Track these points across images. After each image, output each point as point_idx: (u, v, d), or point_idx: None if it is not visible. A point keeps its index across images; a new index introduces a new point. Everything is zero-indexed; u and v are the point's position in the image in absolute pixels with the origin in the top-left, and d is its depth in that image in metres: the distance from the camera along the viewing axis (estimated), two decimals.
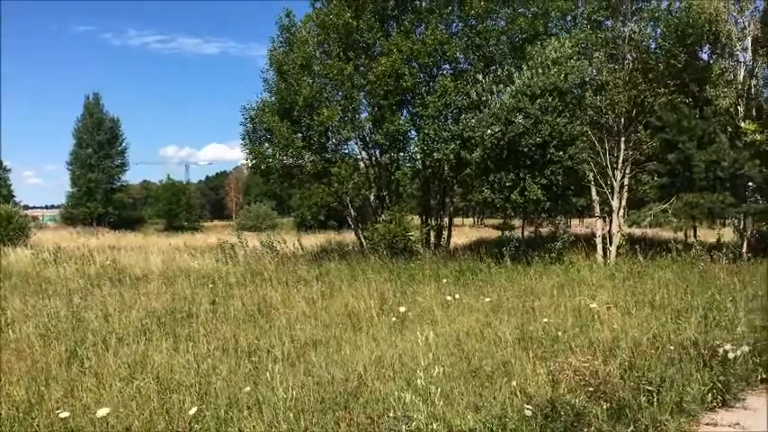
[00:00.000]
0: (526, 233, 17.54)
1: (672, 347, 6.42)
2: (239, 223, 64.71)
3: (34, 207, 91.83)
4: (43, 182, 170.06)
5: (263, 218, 62.65)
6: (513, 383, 5.43)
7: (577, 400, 4.99)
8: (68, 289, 11.90)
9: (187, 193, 78.37)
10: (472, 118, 16.48)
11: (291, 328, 8.03)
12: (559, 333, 7.11)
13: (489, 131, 15.56)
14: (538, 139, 15.12)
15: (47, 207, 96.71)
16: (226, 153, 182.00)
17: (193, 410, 4.81)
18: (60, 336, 7.70)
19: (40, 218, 74.13)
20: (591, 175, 18.15)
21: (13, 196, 69.22)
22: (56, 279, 13.58)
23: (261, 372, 6.01)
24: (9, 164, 74.69)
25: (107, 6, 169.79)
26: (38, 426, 4.72)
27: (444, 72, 18.65)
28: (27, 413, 4.96)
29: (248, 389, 5.34)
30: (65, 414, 4.70)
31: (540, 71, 15.72)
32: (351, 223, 20.83)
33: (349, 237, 25.99)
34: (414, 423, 4.53)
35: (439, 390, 4.85)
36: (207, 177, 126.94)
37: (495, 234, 27.47)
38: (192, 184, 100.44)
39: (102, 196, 69.02)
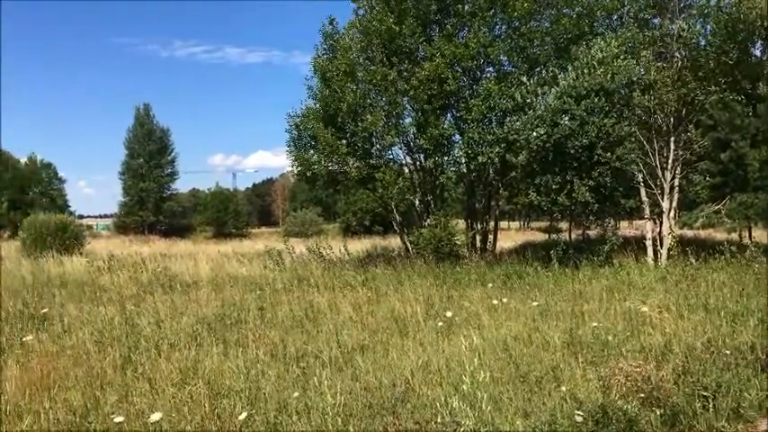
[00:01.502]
0: (573, 236, 17.25)
1: (728, 352, 6.25)
2: (286, 229, 65.42)
3: (88, 216, 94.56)
4: (96, 192, 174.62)
5: (309, 224, 63.23)
6: (563, 389, 5.36)
7: (630, 406, 4.89)
8: (122, 296, 12.18)
9: (234, 201, 79.56)
10: (517, 121, 16.33)
11: (338, 334, 8.07)
12: (610, 337, 6.99)
13: (534, 134, 15.39)
14: (584, 141, 14.89)
15: (100, 216, 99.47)
16: (271, 160, 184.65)
17: (243, 415, 4.88)
18: (115, 342, 7.87)
19: (94, 226, 76.14)
20: (640, 176, 17.77)
21: (69, 206, 71.52)
22: (110, 286, 13.90)
23: (309, 377, 6.07)
24: (64, 175, 76.97)
25: (154, 19, 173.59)
26: (94, 430, 4.83)
27: (488, 75, 18.55)
28: (84, 417, 5.09)
29: (297, 394, 5.40)
30: (119, 418, 4.82)
31: (586, 72, 15.49)
32: (396, 228, 20.85)
33: (394, 242, 26.03)
34: (462, 429, 4.51)
35: (486, 395, 4.83)
36: (254, 185, 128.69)
37: (541, 237, 27.11)
38: (240, 191, 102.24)
39: (152, 205, 70.63)
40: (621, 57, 15.75)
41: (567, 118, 15.10)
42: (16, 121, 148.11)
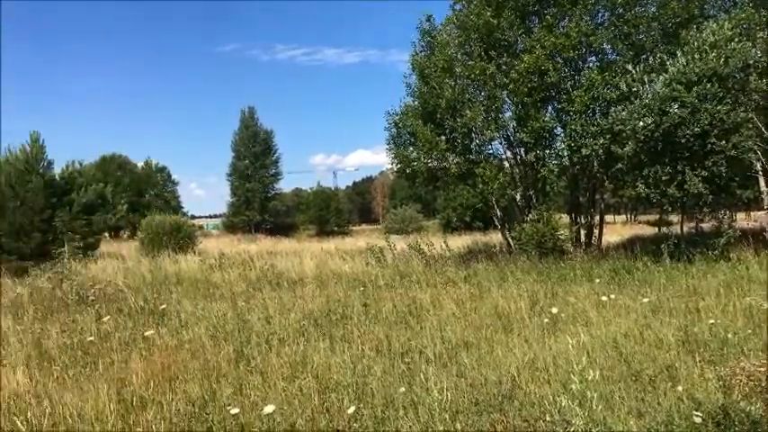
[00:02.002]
0: (685, 229, 16.45)
1: None
2: (386, 226, 66.11)
3: (199, 216, 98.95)
4: (206, 193, 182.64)
5: (409, 221, 63.57)
6: (679, 388, 5.14)
7: (753, 408, 4.61)
8: (233, 292, 12.69)
9: (336, 199, 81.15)
10: (622, 110, 15.73)
11: (442, 330, 8.08)
12: (729, 335, 6.64)
13: (641, 123, 14.78)
14: (696, 129, 14.15)
15: (210, 216, 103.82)
16: (371, 158, 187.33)
17: (352, 409, 4.98)
18: (228, 336, 8.22)
19: (205, 226, 79.58)
20: (758, 164, 16.73)
21: (182, 207, 75.29)
22: (221, 283, 14.50)
23: (414, 373, 6.11)
24: (177, 177, 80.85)
25: (256, 25, 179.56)
26: (212, 420, 5.05)
27: (590, 65, 17.96)
28: (202, 408, 5.33)
29: (403, 389, 5.45)
30: (235, 410, 5.01)
31: (697, 57, 14.72)
32: (497, 224, 20.59)
33: (495, 237, 25.74)
34: (572, 428, 4.41)
35: (597, 394, 4.69)
36: (354, 183, 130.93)
37: (650, 231, 26.11)
38: (340, 189, 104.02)
39: (258, 204, 73.03)
40: (736, 39, 14.85)
41: (676, 106, 14.41)
42: (134, 127, 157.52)
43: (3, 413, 5.27)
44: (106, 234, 44.46)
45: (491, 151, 19.46)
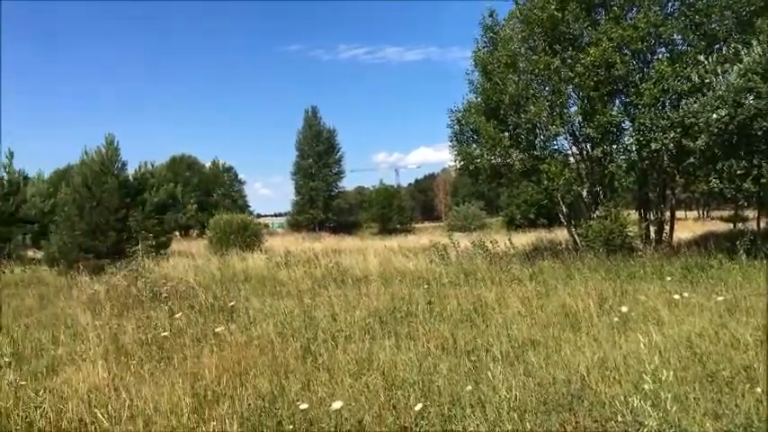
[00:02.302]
0: (762, 225, 15.81)
1: None
2: (449, 224, 65.88)
3: (265, 215, 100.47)
4: (271, 192, 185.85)
5: (472, 218, 63.12)
6: (758, 390, 4.96)
7: None
8: (299, 290, 12.90)
9: (398, 197, 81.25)
10: (694, 103, 15.22)
11: (508, 328, 8.01)
12: None
13: (715, 116, 14.27)
14: None
15: (274, 215, 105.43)
16: (432, 156, 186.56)
17: (419, 407, 4.99)
18: (295, 333, 8.36)
19: (270, 225, 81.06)
20: None
21: (248, 206, 76.92)
22: (287, 281, 14.74)
23: (480, 371, 6.08)
24: (243, 177, 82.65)
25: (319, 25, 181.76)
26: (281, 415, 5.15)
27: (660, 56, 17.42)
28: (272, 403, 5.44)
29: (470, 387, 5.43)
30: (304, 405, 5.10)
31: None
32: (563, 220, 20.26)
33: (561, 234, 25.33)
34: (645, 429, 4.30)
35: (671, 395, 4.57)
36: (416, 180, 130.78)
37: (724, 227, 25.22)
38: (402, 187, 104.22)
39: (322, 203, 73.81)
40: None
41: (752, 97, 13.85)
42: (202, 129, 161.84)
43: (84, 405, 5.50)
44: (176, 233, 45.83)
45: (556, 147, 19.14)
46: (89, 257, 20.10)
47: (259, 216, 79.96)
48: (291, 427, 4.93)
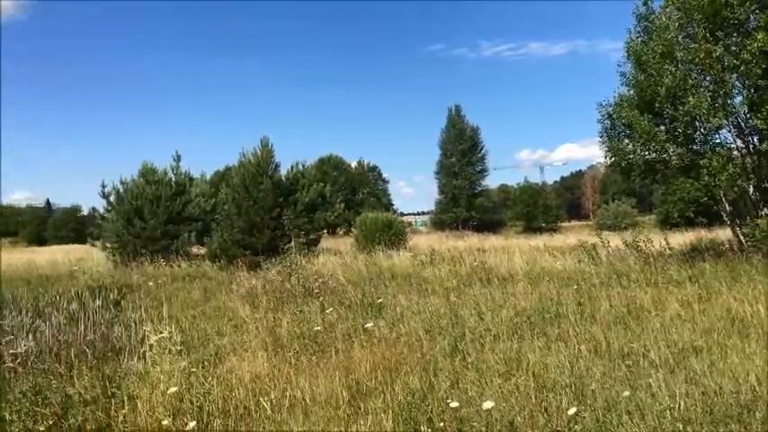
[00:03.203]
0: None
1: None
2: (597, 222, 63.55)
3: (408, 214, 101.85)
4: (414, 191, 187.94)
5: (623, 216, 60.50)
6: None
7: None
8: (444, 288, 12.95)
9: (543, 195, 79.45)
10: None
11: (666, 332, 7.60)
12: None
13: None
14: None
15: (418, 213, 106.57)
16: (578, 152, 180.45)
17: (572, 411, 4.86)
18: (442, 331, 8.41)
19: (413, 223, 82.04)
20: None
21: (392, 204, 78.40)
22: (432, 279, 14.84)
23: (637, 376, 5.82)
24: (387, 176, 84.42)
25: (461, 24, 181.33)
26: (431, 412, 5.21)
27: None
28: (422, 400, 5.51)
29: (627, 393, 5.21)
30: (454, 404, 5.11)
31: None
32: (725, 219, 18.88)
33: (722, 234, 23.67)
34: None
35: None
36: (561, 178, 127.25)
37: None
38: (548, 185, 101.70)
39: (465, 201, 73.77)
40: None
41: None
42: (347, 132, 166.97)
43: (249, 393, 5.86)
44: (325, 231, 47.51)
45: (718, 140, 17.84)
46: (246, 254, 21.35)
47: (402, 214, 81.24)
48: (442, 424, 4.97)
